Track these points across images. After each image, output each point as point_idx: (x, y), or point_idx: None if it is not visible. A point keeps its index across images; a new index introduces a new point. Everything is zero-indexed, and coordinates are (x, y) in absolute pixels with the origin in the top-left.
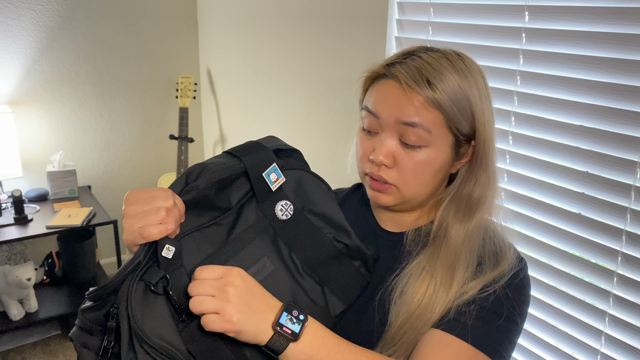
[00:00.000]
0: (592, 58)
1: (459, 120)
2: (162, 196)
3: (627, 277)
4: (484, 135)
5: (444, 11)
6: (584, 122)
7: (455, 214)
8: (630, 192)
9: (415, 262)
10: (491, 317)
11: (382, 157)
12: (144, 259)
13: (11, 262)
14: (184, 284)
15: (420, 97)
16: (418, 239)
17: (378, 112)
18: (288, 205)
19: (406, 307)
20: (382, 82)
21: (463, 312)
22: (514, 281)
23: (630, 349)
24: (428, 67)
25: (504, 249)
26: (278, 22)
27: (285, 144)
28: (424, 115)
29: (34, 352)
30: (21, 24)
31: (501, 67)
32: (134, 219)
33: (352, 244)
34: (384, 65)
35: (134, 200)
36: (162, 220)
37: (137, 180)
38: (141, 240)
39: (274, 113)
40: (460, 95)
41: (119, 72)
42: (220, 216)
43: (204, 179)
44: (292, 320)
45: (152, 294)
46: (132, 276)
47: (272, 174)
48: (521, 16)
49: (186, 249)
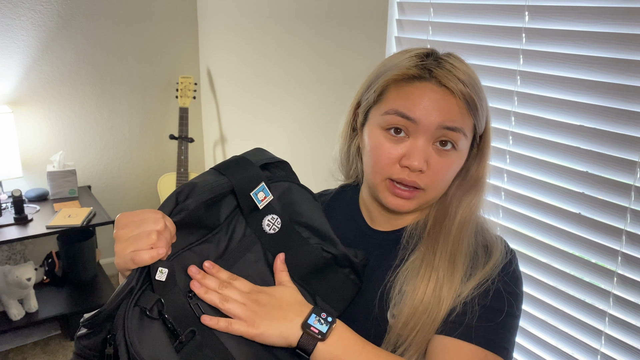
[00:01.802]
0: (592, 58)
1: (481, 122)
2: (152, 219)
3: (627, 277)
4: (489, 130)
5: (444, 11)
6: (584, 122)
7: (448, 209)
8: (630, 192)
9: (413, 257)
10: (493, 314)
11: (422, 163)
12: (136, 284)
13: (11, 262)
14: (181, 304)
15: (461, 101)
16: (415, 234)
17: (417, 117)
18: (275, 219)
19: (409, 303)
20: (417, 84)
21: (465, 314)
22: (508, 271)
23: (630, 349)
24: (459, 70)
25: (494, 241)
26: (278, 22)
27: (273, 157)
28: (464, 119)
29: (34, 352)
30: (21, 24)
31: (501, 67)
32: (125, 243)
33: (338, 253)
34: (415, 66)
35: (125, 223)
36: (153, 244)
37: (137, 180)
38: (133, 266)
39: (274, 113)
40: (483, 97)
41: (119, 72)
42: (209, 234)
43: (194, 199)
44: (320, 322)
45: (148, 318)
46: (127, 302)
47: (260, 193)
48: (521, 16)
49: (178, 268)
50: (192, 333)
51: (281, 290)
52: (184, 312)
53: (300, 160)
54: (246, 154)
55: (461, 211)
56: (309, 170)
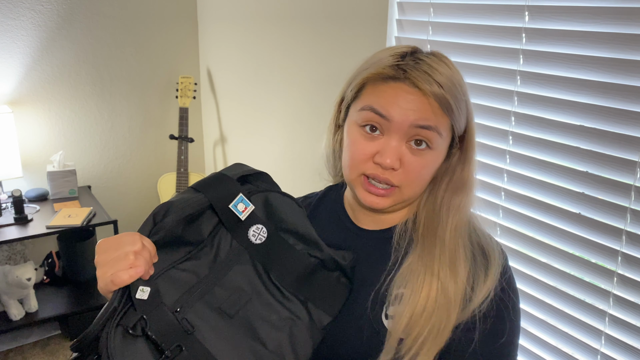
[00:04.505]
0: (592, 58)
1: (460, 122)
2: (129, 241)
3: (627, 277)
4: (472, 130)
5: (444, 11)
6: (584, 122)
7: (438, 210)
8: (630, 192)
9: (408, 261)
10: (496, 335)
11: (394, 160)
12: (119, 304)
13: (11, 262)
14: (167, 320)
15: (434, 102)
16: (405, 235)
17: (390, 115)
18: (260, 229)
19: (410, 309)
20: (391, 84)
21: (469, 338)
22: (504, 278)
23: (630, 349)
24: (436, 72)
25: (488, 241)
26: (278, 22)
27: (252, 169)
28: (438, 118)
29: (34, 352)
30: (21, 24)
31: (501, 67)
32: (105, 267)
33: (325, 257)
34: (391, 66)
35: (104, 248)
36: (131, 264)
37: (137, 180)
38: (113, 287)
39: (274, 113)
40: (462, 98)
41: (119, 72)
42: (193, 250)
43: (171, 217)
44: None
45: (131, 336)
46: (110, 322)
47: (239, 205)
48: (521, 16)
49: (164, 287)
50: (179, 348)
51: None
52: (171, 328)
53: (301, 160)
54: (224, 170)
55: (452, 214)
56: (308, 171)
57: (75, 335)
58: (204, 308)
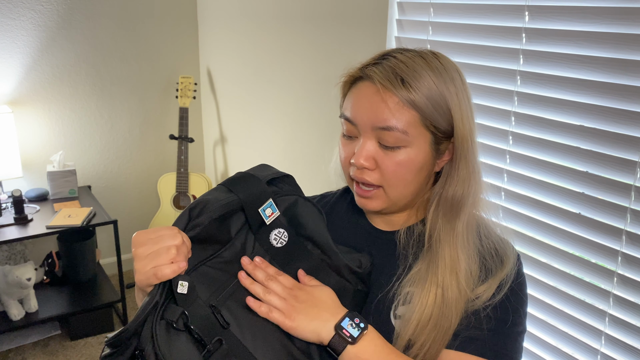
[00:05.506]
0: (592, 58)
1: (435, 117)
2: (170, 235)
3: (627, 277)
4: (462, 130)
5: (444, 11)
6: (584, 122)
7: (443, 215)
8: (630, 192)
9: (414, 270)
10: (503, 325)
11: (363, 160)
12: (160, 298)
13: (11, 262)
14: (205, 315)
15: (395, 97)
16: (411, 240)
17: (354, 119)
18: (282, 233)
19: (417, 317)
20: (358, 85)
21: (476, 326)
22: (518, 280)
23: (630, 349)
24: (402, 66)
25: (503, 246)
26: (278, 22)
27: (278, 172)
28: (399, 116)
29: (34, 352)
30: (21, 24)
31: (501, 67)
32: (145, 260)
33: (340, 264)
34: (359, 68)
35: (142, 241)
36: (173, 259)
37: (137, 180)
38: (155, 281)
39: (274, 113)
40: (436, 92)
41: (119, 72)
42: (222, 248)
43: (207, 215)
44: (352, 326)
45: (174, 330)
46: (153, 316)
47: (267, 209)
48: (521, 16)
49: (197, 281)
50: (219, 342)
51: (320, 290)
52: (209, 322)
53: (300, 160)
54: (252, 170)
55: (461, 218)
56: (308, 171)
57: (76, 335)
58: (235, 304)
